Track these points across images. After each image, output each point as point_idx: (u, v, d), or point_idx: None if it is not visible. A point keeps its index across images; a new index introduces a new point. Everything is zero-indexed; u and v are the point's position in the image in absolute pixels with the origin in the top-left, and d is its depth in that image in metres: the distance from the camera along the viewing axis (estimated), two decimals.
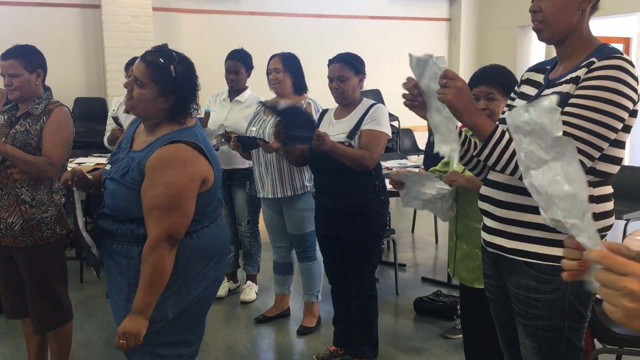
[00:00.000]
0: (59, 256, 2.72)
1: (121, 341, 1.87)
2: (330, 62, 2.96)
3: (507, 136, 1.58)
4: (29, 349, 2.88)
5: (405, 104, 1.75)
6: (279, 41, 7.39)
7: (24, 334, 2.89)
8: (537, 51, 7.81)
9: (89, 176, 2.12)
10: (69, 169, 2.31)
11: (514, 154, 1.54)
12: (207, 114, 4.09)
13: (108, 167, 2.06)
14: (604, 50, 1.65)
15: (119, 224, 1.96)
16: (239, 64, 3.93)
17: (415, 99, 1.72)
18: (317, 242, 3.46)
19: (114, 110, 4.07)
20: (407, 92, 1.73)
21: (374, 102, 2.97)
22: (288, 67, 3.47)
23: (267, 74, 3.53)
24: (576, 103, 1.58)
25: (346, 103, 2.97)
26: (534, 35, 1.79)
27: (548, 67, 1.82)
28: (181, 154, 1.90)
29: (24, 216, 2.58)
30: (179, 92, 1.94)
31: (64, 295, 2.77)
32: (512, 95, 1.93)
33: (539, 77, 1.82)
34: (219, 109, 4.03)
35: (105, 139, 4.03)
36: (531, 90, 1.81)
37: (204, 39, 7.02)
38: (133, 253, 1.94)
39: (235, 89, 4.00)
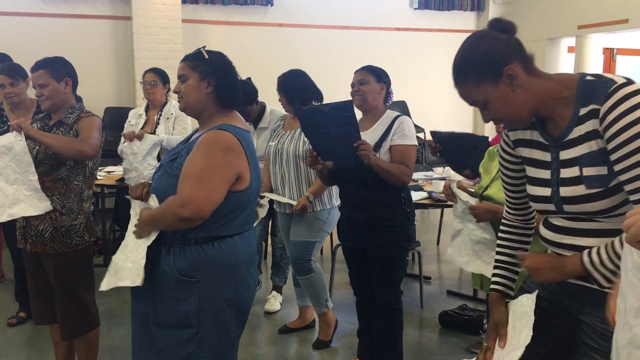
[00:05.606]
0: (87, 263, 2.76)
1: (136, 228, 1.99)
2: (355, 72, 2.98)
3: (594, 254, 1.49)
4: (57, 354, 2.93)
5: None
6: (306, 52, 7.46)
7: (52, 340, 2.94)
8: (566, 63, 7.72)
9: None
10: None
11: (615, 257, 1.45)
12: None
13: None
14: (593, 90, 1.46)
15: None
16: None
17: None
18: (313, 255, 3.45)
19: (129, 122, 4.12)
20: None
21: (397, 114, 2.95)
22: (282, 87, 3.49)
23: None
24: (626, 151, 1.40)
25: (367, 108, 2.94)
26: (562, 47, 1.73)
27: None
28: (226, 140, 1.97)
29: (54, 224, 2.63)
30: (218, 73, 2.05)
31: (92, 302, 2.81)
32: (505, 157, 1.73)
33: (532, 135, 1.65)
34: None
35: (119, 147, 4.02)
36: (537, 154, 1.64)
37: (232, 50, 6.99)
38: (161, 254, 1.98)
39: (253, 118, 3.98)
